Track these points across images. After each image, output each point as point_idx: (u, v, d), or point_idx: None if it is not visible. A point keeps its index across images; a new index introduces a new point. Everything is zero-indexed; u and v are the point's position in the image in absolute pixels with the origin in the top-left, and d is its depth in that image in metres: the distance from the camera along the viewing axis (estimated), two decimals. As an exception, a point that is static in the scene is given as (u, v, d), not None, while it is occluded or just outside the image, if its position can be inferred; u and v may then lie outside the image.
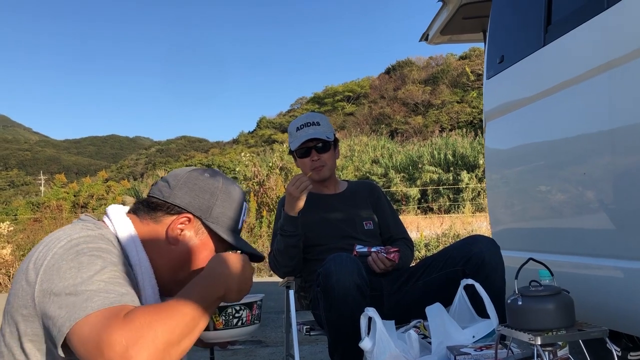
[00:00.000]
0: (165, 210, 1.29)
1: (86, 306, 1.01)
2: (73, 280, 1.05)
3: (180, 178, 1.33)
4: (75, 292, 1.03)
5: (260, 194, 11.05)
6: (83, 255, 1.09)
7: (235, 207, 1.37)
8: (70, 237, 1.13)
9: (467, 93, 43.59)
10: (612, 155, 2.08)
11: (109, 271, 1.09)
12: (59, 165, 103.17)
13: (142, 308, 1.04)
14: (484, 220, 13.05)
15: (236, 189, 1.39)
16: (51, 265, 1.08)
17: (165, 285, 1.31)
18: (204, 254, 1.32)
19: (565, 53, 2.35)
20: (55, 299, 1.04)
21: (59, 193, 23.47)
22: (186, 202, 1.30)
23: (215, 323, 1.28)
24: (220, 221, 1.33)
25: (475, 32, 4.73)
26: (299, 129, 2.54)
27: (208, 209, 1.31)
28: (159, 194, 1.32)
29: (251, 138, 61.30)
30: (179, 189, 1.31)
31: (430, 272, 2.30)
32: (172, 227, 1.28)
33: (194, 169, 1.38)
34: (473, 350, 1.70)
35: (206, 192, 1.32)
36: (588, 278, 2.24)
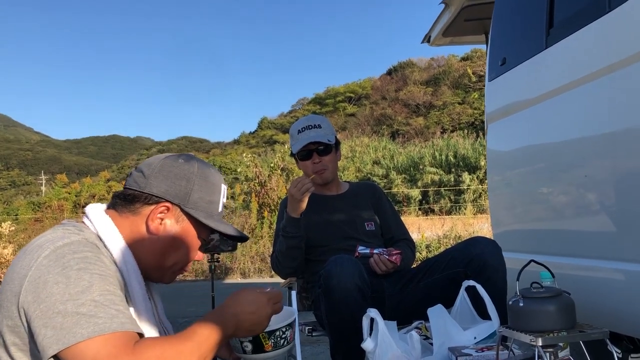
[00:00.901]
0: (143, 201, 1.27)
1: (75, 332, 1.01)
2: (61, 297, 1.04)
3: (154, 166, 1.30)
4: (63, 313, 1.03)
5: (262, 195, 11.05)
6: (70, 269, 1.07)
7: (214, 190, 1.35)
8: (54, 245, 1.11)
9: (469, 94, 43.55)
10: (614, 157, 2.09)
11: (98, 288, 1.07)
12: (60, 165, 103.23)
13: (152, 343, 1.06)
14: (485, 222, 13.03)
15: (213, 172, 1.37)
16: (37, 277, 1.07)
17: (153, 273, 1.32)
18: (187, 240, 1.32)
19: (567, 56, 2.36)
20: (40, 315, 1.04)
21: (61, 193, 23.48)
22: (163, 190, 1.28)
23: (264, 346, 1.30)
24: (199, 206, 1.31)
25: (477, 34, 4.74)
26: (300, 132, 2.54)
27: (186, 195, 1.29)
28: (134, 185, 1.29)
29: (252, 138, 61.28)
30: (154, 178, 1.28)
31: (431, 273, 2.31)
32: (152, 217, 1.27)
33: (168, 156, 1.35)
34: (474, 351, 1.71)
35: (182, 179, 1.30)
36: (589, 280, 2.25)
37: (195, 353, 1.09)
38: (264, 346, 1.31)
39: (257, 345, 1.30)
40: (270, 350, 1.32)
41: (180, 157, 1.34)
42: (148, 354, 1.03)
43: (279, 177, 11.63)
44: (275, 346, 1.32)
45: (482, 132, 27.50)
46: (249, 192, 12.44)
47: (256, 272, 9.87)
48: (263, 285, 6.13)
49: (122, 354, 1.01)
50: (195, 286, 8.41)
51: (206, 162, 1.39)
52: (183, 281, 9.15)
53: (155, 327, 1.28)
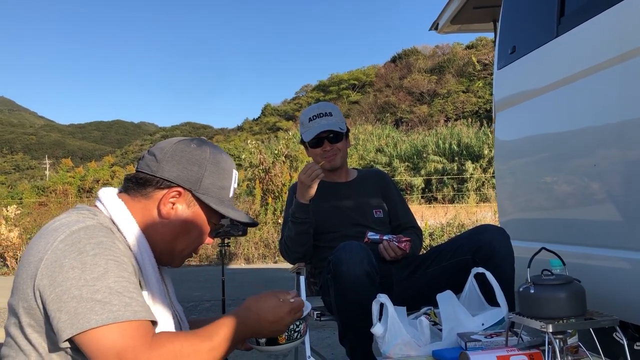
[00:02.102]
0: (155, 185, 1.27)
1: (89, 318, 1.03)
2: (76, 282, 1.05)
3: (167, 150, 1.30)
4: (78, 298, 1.04)
5: (266, 182, 11.05)
6: (86, 254, 1.09)
7: (225, 176, 1.35)
8: (70, 229, 1.12)
9: (473, 83, 43.39)
10: (623, 147, 2.09)
11: (113, 275, 1.09)
12: (63, 150, 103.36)
13: (170, 337, 1.08)
14: (489, 210, 13.05)
15: (225, 158, 1.36)
16: (53, 261, 1.08)
17: (164, 256, 1.33)
18: (198, 225, 1.33)
19: (578, 44, 2.36)
20: (55, 299, 1.05)
21: (65, 177, 23.53)
22: (175, 175, 1.28)
23: (278, 338, 1.32)
24: (210, 192, 1.31)
25: (486, 22, 4.72)
26: (312, 120, 2.55)
27: (197, 181, 1.29)
28: (147, 169, 1.29)
29: (256, 125, 61.24)
30: (166, 162, 1.28)
31: (439, 260, 2.32)
32: (164, 201, 1.27)
33: (181, 140, 1.34)
34: (483, 337, 1.72)
35: (194, 164, 1.29)
36: (595, 268, 2.26)
37: (212, 353, 1.11)
38: (278, 339, 1.32)
39: (271, 337, 1.31)
40: (284, 343, 1.33)
41: (193, 142, 1.34)
42: (166, 348, 1.05)
43: (283, 164, 11.63)
44: (289, 339, 1.33)
45: (486, 120, 27.50)
46: (253, 179, 12.45)
47: (260, 257, 9.90)
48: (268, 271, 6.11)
49: (140, 346, 1.03)
50: (200, 271, 8.46)
51: (218, 147, 1.40)
52: (188, 266, 9.20)
53: (168, 309, 1.30)
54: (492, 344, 1.67)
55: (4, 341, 1.20)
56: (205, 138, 1.42)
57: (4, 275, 8.64)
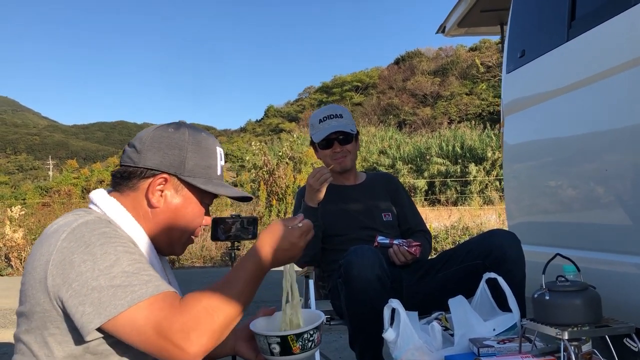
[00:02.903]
0: (140, 176, 1.27)
1: (115, 304, 1.04)
2: (91, 273, 1.06)
3: (145, 139, 1.29)
4: (98, 288, 1.05)
5: (270, 183, 11.06)
6: (93, 246, 1.09)
7: (209, 154, 1.34)
8: (70, 227, 1.13)
9: (477, 85, 43.37)
10: (635, 152, 2.08)
11: (125, 259, 1.09)
12: (67, 151, 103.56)
13: (197, 295, 1.08)
14: (493, 213, 13.02)
15: (205, 137, 1.35)
16: (61, 260, 1.08)
17: (164, 246, 1.33)
18: (190, 208, 1.32)
19: (589, 49, 2.35)
20: (75, 295, 1.05)
21: (70, 179, 23.56)
22: (157, 162, 1.27)
23: (293, 348, 1.30)
24: (196, 173, 1.30)
25: (493, 26, 4.72)
26: (322, 121, 2.55)
27: (181, 164, 1.28)
28: (129, 161, 1.29)
29: (259, 127, 61.29)
30: (146, 151, 1.27)
31: (450, 265, 2.31)
32: (151, 190, 1.27)
33: (158, 127, 1.33)
34: (496, 343, 1.71)
35: (174, 147, 1.28)
36: (606, 274, 2.25)
37: (241, 298, 1.12)
38: (292, 348, 1.30)
39: (285, 348, 1.29)
40: (298, 352, 1.31)
41: (170, 127, 1.32)
42: (196, 307, 1.06)
43: (287, 165, 11.64)
44: (303, 349, 1.31)
45: (490, 123, 27.50)
46: (257, 180, 12.45)
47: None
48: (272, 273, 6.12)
49: (172, 314, 1.04)
50: (205, 273, 8.45)
51: (197, 127, 1.38)
52: (192, 267, 9.20)
53: None
54: (505, 350, 1.66)
55: (15, 349, 1.19)
56: (185, 121, 1.39)
57: (9, 276, 8.64)
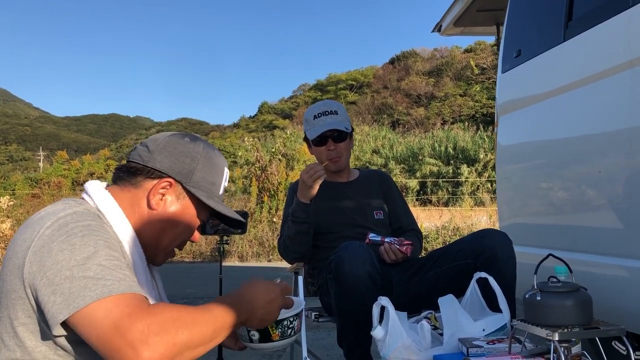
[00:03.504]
0: (146, 175, 1.27)
1: (84, 295, 1.00)
2: (67, 263, 1.03)
3: (160, 142, 1.30)
4: (70, 278, 1.02)
5: (262, 180, 11.02)
6: (74, 236, 1.07)
7: (217, 172, 1.35)
8: (56, 216, 1.11)
9: (471, 87, 43.43)
10: (630, 154, 2.07)
11: (103, 254, 1.07)
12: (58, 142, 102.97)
13: (168, 305, 1.05)
14: (484, 215, 13.07)
15: (217, 155, 1.36)
16: (40, 247, 1.06)
17: (151, 252, 1.31)
18: (186, 218, 1.32)
19: (585, 50, 2.34)
20: (47, 284, 1.03)
21: (60, 170, 23.40)
22: (166, 166, 1.27)
23: (272, 335, 1.29)
24: (201, 186, 1.31)
25: (489, 25, 4.71)
26: (317, 117, 2.52)
27: (189, 174, 1.29)
28: (138, 159, 1.29)
29: (252, 123, 61.13)
30: (158, 153, 1.28)
31: (440, 264, 2.30)
32: (153, 192, 1.26)
33: (174, 134, 1.34)
34: (485, 343, 1.69)
35: (187, 157, 1.29)
36: (595, 276, 2.24)
37: (210, 325, 1.07)
38: (272, 335, 1.30)
39: (264, 335, 1.29)
40: (278, 339, 1.31)
41: (187, 136, 1.34)
42: (164, 314, 1.01)
43: (279, 162, 11.60)
44: (283, 336, 1.31)
45: (483, 125, 27.52)
46: (249, 177, 12.41)
47: (254, 255, 9.88)
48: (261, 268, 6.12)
49: (137, 313, 0.99)
50: (194, 267, 8.42)
51: (211, 144, 1.39)
52: (181, 262, 9.16)
53: (156, 300, 1.28)
54: (495, 351, 1.65)
55: None
56: (200, 135, 1.42)
57: (-5, 267, 8.56)
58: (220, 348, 2.54)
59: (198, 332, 1.03)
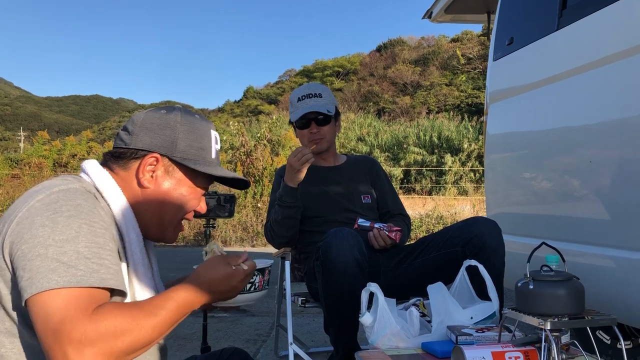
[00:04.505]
0: (130, 157, 1.25)
1: (50, 278, 0.97)
2: (44, 240, 1.01)
3: (137, 121, 1.28)
4: (43, 256, 0.99)
5: (247, 165, 10.95)
6: (60, 214, 1.04)
7: (202, 136, 1.31)
8: (50, 190, 1.09)
9: (457, 76, 43.57)
10: (621, 144, 2.06)
11: (84, 239, 1.04)
12: (39, 123, 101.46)
13: (113, 310, 1.00)
14: (467, 204, 13.15)
15: (199, 119, 1.32)
16: (25, 218, 1.04)
17: (154, 230, 1.29)
18: (182, 190, 1.29)
19: (579, 38, 2.32)
20: (21, 257, 1.01)
21: (41, 150, 23.05)
22: (148, 142, 1.25)
23: None
24: (188, 154, 1.27)
25: (480, 13, 4.68)
26: (300, 100, 2.49)
27: (172, 144, 1.26)
28: (121, 143, 1.27)
29: (237, 107, 60.78)
30: (138, 132, 1.26)
31: (428, 251, 2.28)
32: (142, 170, 1.24)
33: (150, 110, 1.32)
34: (474, 331, 1.68)
35: (166, 128, 1.26)
36: (582, 266, 2.24)
37: (157, 329, 1.04)
38: None
39: None
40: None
41: (163, 109, 1.31)
42: (106, 322, 0.97)
43: (264, 147, 11.53)
44: (241, 291, 1.26)
45: (468, 114, 27.62)
46: (233, 161, 12.33)
47: (237, 240, 9.84)
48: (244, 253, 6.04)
49: (80, 317, 0.96)
50: (176, 252, 8.37)
51: (190, 110, 1.35)
52: (163, 247, 9.09)
53: (150, 282, 1.25)
54: (484, 339, 1.64)
55: None
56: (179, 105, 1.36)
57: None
58: (205, 332, 2.51)
59: (142, 337, 1.01)
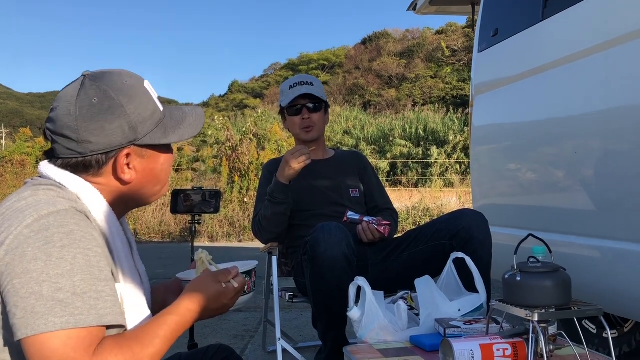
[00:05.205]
0: (98, 165, 1.14)
1: (48, 320, 0.94)
2: (38, 275, 0.95)
3: (74, 125, 1.11)
4: (38, 294, 0.95)
5: (233, 159, 10.89)
6: (52, 245, 0.98)
7: (142, 97, 1.19)
8: (38, 213, 1.01)
9: (442, 69, 43.67)
10: (605, 135, 2.07)
11: (80, 271, 0.99)
12: (21, 119, 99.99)
13: (114, 349, 0.99)
14: (453, 195, 13.22)
15: (127, 84, 1.17)
16: (15, 248, 0.98)
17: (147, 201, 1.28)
18: (159, 162, 1.23)
19: (563, 29, 2.32)
20: (12, 292, 0.96)
21: (23, 147, 22.77)
22: (108, 142, 1.12)
23: None
24: (147, 127, 1.18)
25: (464, 5, 4.67)
26: (292, 87, 2.49)
27: (132, 129, 1.14)
28: (72, 154, 1.12)
29: (222, 102, 60.43)
30: (86, 137, 1.11)
31: (416, 244, 2.28)
32: (120, 170, 1.16)
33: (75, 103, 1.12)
34: (462, 323, 1.68)
35: (112, 114, 1.12)
36: (569, 257, 2.25)
37: (155, 357, 1.05)
38: None
39: None
40: None
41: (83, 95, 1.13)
42: None
43: (250, 142, 11.47)
44: None
45: (453, 107, 27.72)
46: (219, 156, 12.27)
47: (224, 236, 9.80)
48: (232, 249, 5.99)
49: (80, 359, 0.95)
50: (163, 248, 8.32)
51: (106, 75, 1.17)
52: (149, 242, 9.04)
53: (139, 285, 1.21)
54: (472, 331, 1.64)
55: None
56: (86, 72, 1.18)
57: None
58: (191, 328, 2.48)
59: None
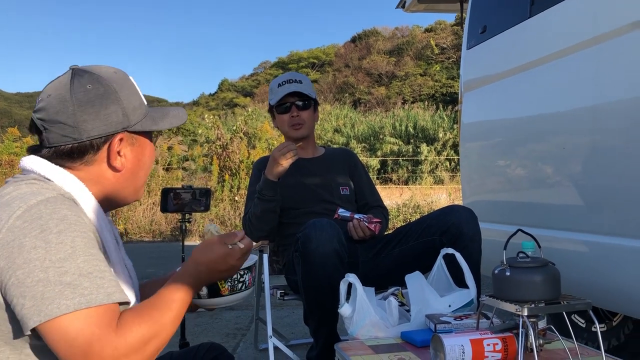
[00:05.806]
0: (94, 149, 1.15)
1: (60, 303, 0.94)
2: (40, 263, 0.95)
3: (70, 109, 1.12)
4: (45, 281, 0.94)
5: (223, 158, 10.86)
6: (49, 232, 0.98)
7: (132, 89, 1.22)
8: (27, 203, 1.00)
9: (431, 66, 43.72)
10: (593, 130, 2.09)
11: (81, 253, 0.99)
12: (10, 119, 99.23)
13: (135, 320, 1.01)
14: (443, 192, 13.25)
15: (115, 73, 1.21)
16: (10, 241, 0.97)
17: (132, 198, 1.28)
18: (147, 151, 1.26)
19: (551, 26, 2.33)
20: (17, 284, 0.95)
21: (12, 148, 22.59)
22: (103, 128, 1.14)
23: (221, 289, 1.25)
24: (139, 116, 1.21)
25: (452, 2, 4.70)
26: (281, 85, 2.48)
27: (125, 115, 1.17)
28: (66, 139, 1.13)
29: (212, 100, 60.19)
30: (82, 121, 1.12)
31: (406, 240, 2.29)
32: (112, 157, 1.17)
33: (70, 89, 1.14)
34: (452, 319, 1.69)
35: (108, 100, 1.15)
36: (558, 252, 2.27)
37: (175, 322, 1.08)
38: (221, 290, 1.26)
39: (213, 290, 1.25)
40: (227, 294, 1.26)
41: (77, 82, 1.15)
42: (133, 334, 0.98)
43: (240, 140, 11.45)
44: (233, 290, 1.27)
45: (442, 104, 27.80)
46: (209, 155, 12.23)
47: (214, 235, 9.76)
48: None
49: (106, 335, 0.95)
50: (154, 247, 8.28)
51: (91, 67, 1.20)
52: (140, 242, 9.00)
53: (128, 279, 1.21)
54: (462, 327, 1.64)
55: None
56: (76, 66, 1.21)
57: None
58: (183, 327, 2.49)
59: (166, 335, 1.06)
